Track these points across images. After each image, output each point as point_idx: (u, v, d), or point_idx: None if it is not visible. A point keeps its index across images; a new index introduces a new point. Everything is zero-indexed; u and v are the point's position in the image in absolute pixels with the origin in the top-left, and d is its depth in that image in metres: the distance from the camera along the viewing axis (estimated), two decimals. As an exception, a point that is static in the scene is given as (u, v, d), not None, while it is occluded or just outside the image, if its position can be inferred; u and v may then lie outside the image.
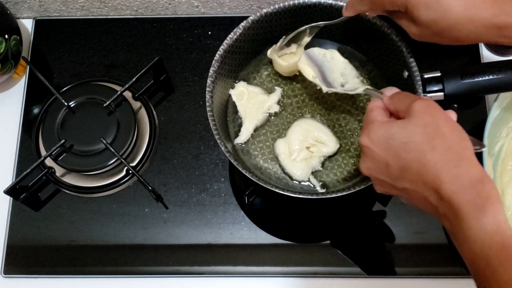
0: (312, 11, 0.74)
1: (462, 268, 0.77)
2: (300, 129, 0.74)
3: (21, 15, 0.94)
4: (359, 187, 0.65)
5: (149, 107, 0.87)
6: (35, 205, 0.83)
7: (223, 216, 0.81)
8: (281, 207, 0.83)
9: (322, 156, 0.73)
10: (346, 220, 0.82)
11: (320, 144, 0.73)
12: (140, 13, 0.94)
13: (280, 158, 0.73)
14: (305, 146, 0.73)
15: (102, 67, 0.91)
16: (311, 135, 0.73)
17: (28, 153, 0.85)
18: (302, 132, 0.73)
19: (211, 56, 0.72)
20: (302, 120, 0.75)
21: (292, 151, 0.73)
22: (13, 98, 0.89)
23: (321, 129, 0.74)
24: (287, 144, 0.73)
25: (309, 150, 0.73)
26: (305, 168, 0.72)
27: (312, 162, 0.73)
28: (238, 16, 0.92)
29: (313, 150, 0.73)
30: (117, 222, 0.82)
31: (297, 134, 0.73)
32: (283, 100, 0.77)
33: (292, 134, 0.74)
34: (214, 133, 0.68)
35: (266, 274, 0.78)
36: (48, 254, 0.81)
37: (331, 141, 0.73)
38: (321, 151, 0.73)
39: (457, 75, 0.67)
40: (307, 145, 0.73)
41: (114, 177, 0.83)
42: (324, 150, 0.73)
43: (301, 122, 0.75)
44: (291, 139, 0.73)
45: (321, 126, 0.75)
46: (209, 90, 0.70)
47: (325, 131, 0.74)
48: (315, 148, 0.73)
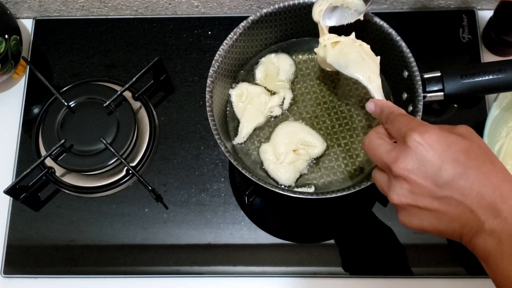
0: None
1: (462, 268, 0.77)
2: (285, 132, 0.73)
3: (21, 15, 0.94)
4: (359, 187, 0.65)
5: (149, 107, 0.87)
6: (35, 205, 0.83)
7: (223, 216, 0.81)
8: (281, 207, 0.83)
9: (310, 158, 0.73)
10: (346, 220, 0.82)
11: (308, 147, 0.73)
12: (140, 13, 0.94)
13: (265, 164, 0.72)
14: (292, 149, 0.72)
15: (102, 67, 0.91)
16: (296, 138, 0.73)
17: (28, 153, 0.85)
18: (287, 135, 0.73)
19: (211, 56, 0.72)
20: (285, 123, 0.74)
21: (279, 155, 0.72)
22: (13, 98, 0.90)
23: (306, 130, 0.74)
24: (272, 148, 0.73)
25: (296, 153, 0.72)
26: (292, 172, 0.71)
27: (299, 166, 0.72)
28: (238, 16, 0.92)
29: (301, 153, 0.72)
30: (117, 222, 0.82)
31: (282, 137, 0.73)
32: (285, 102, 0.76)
33: (277, 138, 0.73)
34: (214, 133, 0.68)
35: (266, 274, 0.78)
36: (48, 254, 0.81)
37: (318, 142, 0.73)
38: (309, 153, 0.73)
39: (457, 75, 0.67)
40: (294, 148, 0.72)
41: (114, 177, 0.83)
42: (312, 152, 0.73)
43: (285, 125, 0.74)
44: (276, 142, 0.73)
45: (306, 127, 0.74)
46: (209, 90, 0.70)
47: (311, 132, 0.74)
48: (303, 150, 0.72)
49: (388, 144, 0.55)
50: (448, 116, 0.85)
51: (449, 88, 0.68)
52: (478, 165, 0.49)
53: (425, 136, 0.50)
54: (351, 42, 0.68)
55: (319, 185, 0.72)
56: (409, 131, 0.51)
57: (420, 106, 0.67)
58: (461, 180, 0.49)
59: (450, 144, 0.50)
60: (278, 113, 0.75)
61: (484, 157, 0.50)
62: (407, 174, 0.51)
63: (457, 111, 0.85)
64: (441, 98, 0.69)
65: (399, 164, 0.51)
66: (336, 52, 0.68)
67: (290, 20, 0.75)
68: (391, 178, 0.53)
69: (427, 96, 0.68)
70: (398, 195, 0.52)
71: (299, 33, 0.78)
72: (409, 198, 0.52)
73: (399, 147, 0.52)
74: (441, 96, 0.69)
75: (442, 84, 0.68)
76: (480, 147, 0.51)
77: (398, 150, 0.52)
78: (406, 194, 0.52)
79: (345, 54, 0.68)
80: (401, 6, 0.92)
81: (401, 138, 0.53)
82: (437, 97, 0.69)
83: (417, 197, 0.51)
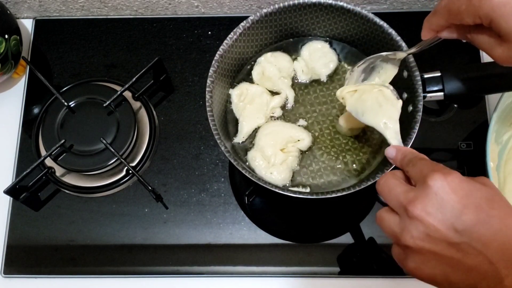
0: (313, 11, 0.74)
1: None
2: (267, 133, 0.72)
3: (21, 15, 0.94)
4: (359, 187, 0.65)
5: (149, 107, 0.87)
6: (35, 205, 0.83)
7: (223, 216, 0.81)
8: (281, 207, 0.83)
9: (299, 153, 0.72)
10: (346, 220, 0.82)
11: (295, 142, 0.72)
12: (140, 13, 0.94)
13: (257, 170, 0.71)
14: (279, 149, 0.72)
15: (102, 67, 0.91)
16: (281, 137, 0.72)
17: (28, 153, 0.85)
18: (271, 136, 0.72)
19: (211, 56, 0.72)
20: (265, 125, 0.74)
21: (268, 158, 0.71)
22: (13, 98, 0.90)
23: (288, 126, 0.73)
24: (259, 153, 0.72)
25: (284, 151, 0.72)
26: (286, 171, 0.71)
27: (291, 163, 0.72)
28: (238, 16, 0.92)
29: (290, 150, 0.72)
30: (117, 222, 0.82)
31: (266, 139, 0.72)
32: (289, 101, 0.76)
33: (261, 142, 0.72)
34: (214, 133, 0.68)
35: (266, 274, 0.78)
36: (48, 254, 0.81)
37: (303, 134, 0.73)
38: (297, 148, 0.72)
39: (457, 75, 0.67)
40: (281, 147, 0.72)
41: (114, 177, 0.83)
42: (300, 145, 0.72)
43: (265, 127, 0.73)
44: (262, 146, 0.72)
45: (286, 124, 0.74)
46: (209, 90, 0.70)
47: (293, 127, 0.73)
48: (291, 147, 0.72)
49: (406, 185, 0.52)
50: (448, 116, 0.85)
51: (449, 88, 0.68)
52: (501, 216, 0.46)
53: (448, 178, 0.48)
54: (369, 88, 0.66)
55: (319, 184, 0.72)
56: (432, 171, 0.49)
57: (420, 106, 0.67)
58: (483, 228, 0.46)
59: (473, 189, 0.48)
60: (279, 114, 0.75)
61: (507, 209, 0.47)
62: (424, 215, 0.47)
63: (457, 111, 0.85)
64: (441, 98, 0.69)
65: (417, 204, 0.48)
66: (353, 100, 0.66)
67: (290, 20, 0.75)
68: (405, 219, 0.49)
69: (427, 96, 0.68)
70: (413, 237, 0.48)
71: (299, 33, 0.78)
72: (425, 241, 0.48)
73: (418, 188, 0.50)
74: (441, 96, 0.68)
75: (442, 84, 0.68)
76: (502, 198, 0.48)
77: (417, 191, 0.49)
78: (422, 237, 0.48)
79: (362, 101, 0.65)
80: (401, 6, 0.92)
81: (422, 179, 0.49)
82: (437, 97, 0.69)
83: (434, 240, 0.47)
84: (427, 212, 0.47)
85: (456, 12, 0.52)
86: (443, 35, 0.57)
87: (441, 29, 0.57)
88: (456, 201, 0.47)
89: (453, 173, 0.48)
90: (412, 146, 0.65)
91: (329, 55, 0.77)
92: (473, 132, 0.84)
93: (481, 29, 0.52)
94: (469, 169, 0.80)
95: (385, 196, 0.53)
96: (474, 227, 0.46)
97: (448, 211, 0.47)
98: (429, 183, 0.48)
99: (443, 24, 0.56)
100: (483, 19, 0.50)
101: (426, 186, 0.48)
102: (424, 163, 0.52)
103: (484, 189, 0.48)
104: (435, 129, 0.84)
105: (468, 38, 0.55)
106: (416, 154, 0.55)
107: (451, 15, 0.53)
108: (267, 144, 0.72)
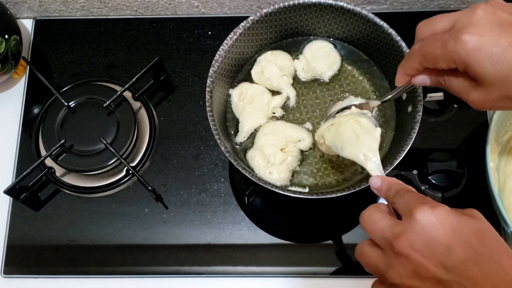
0: (312, 11, 0.74)
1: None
2: (267, 133, 0.72)
3: (21, 15, 0.94)
4: (359, 187, 0.65)
5: (149, 107, 0.87)
6: (35, 205, 0.83)
7: (223, 216, 0.81)
8: (281, 207, 0.83)
9: (299, 153, 0.72)
10: (345, 220, 0.82)
11: (296, 142, 0.72)
12: (140, 13, 0.94)
13: (256, 170, 0.71)
14: (279, 148, 0.71)
15: (102, 67, 0.91)
16: (281, 136, 0.72)
17: (28, 153, 0.85)
18: (271, 135, 0.72)
19: (211, 56, 0.72)
20: (265, 124, 0.74)
21: (267, 157, 0.71)
22: (13, 98, 0.90)
23: (288, 126, 0.73)
24: (259, 152, 0.72)
25: (284, 151, 0.72)
26: (286, 171, 0.71)
27: (291, 163, 0.72)
28: (238, 16, 0.92)
29: (290, 150, 0.72)
30: (117, 222, 0.82)
31: (266, 139, 0.72)
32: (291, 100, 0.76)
33: (260, 141, 0.72)
34: (214, 133, 0.68)
35: (266, 274, 0.78)
36: (48, 254, 0.81)
37: (304, 134, 0.72)
38: (298, 148, 0.72)
39: (457, 75, 0.67)
40: (281, 147, 0.72)
41: (114, 177, 0.83)
42: (301, 146, 0.72)
43: (265, 126, 0.73)
44: (261, 146, 0.72)
45: (287, 124, 0.73)
46: (209, 90, 0.70)
47: (294, 127, 0.73)
48: (292, 147, 0.72)
49: (391, 219, 0.50)
50: (448, 116, 0.85)
51: (449, 88, 0.67)
52: (493, 254, 0.45)
53: (435, 211, 0.46)
54: (345, 119, 0.64)
55: (319, 184, 0.72)
56: (419, 204, 0.47)
57: (420, 106, 0.67)
58: (473, 267, 0.44)
59: (461, 224, 0.46)
60: (281, 114, 0.75)
61: (499, 247, 0.46)
62: (411, 252, 0.46)
63: (457, 111, 0.85)
64: (441, 98, 0.69)
65: (403, 240, 0.46)
66: (331, 134, 0.65)
67: (290, 20, 0.75)
68: (391, 255, 0.48)
69: (427, 96, 0.68)
70: (400, 275, 0.47)
71: (299, 33, 0.78)
72: (413, 279, 0.46)
73: (404, 221, 0.48)
74: (441, 96, 0.69)
75: (442, 84, 0.67)
76: (493, 233, 0.47)
77: (403, 225, 0.47)
78: (410, 275, 0.46)
79: (339, 134, 0.63)
80: (401, 6, 0.92)
81: (409, 212, 0.48)
82: (437, 97, 0.69)
83: (422, 278, 0.46)
84: (414, 249, 0.46)
85: (431, 56, 0.51)
86: (417, 81, 0.56)
87: (415, 73, 0.56)
88: (444, 236, 0.45)
89: (440, 207, 0.47)
90: (412, 146, 0.65)
91: (332, 54, 0.77)
92: (473, 132, 0.84)
93: (456, 73, 0.52)
94: (469, 169, 0.80)
95: (368, 231, 0.51)
96: (463, 265, 0.44)
97: (435, 247, 0.45)
98: (416, 216, 0.46)
99: (417, 68, 0.55)
100: (458, 64, 0.49)
101: (413, 220, 0.46)
102: (411, 195, 0.50)
103: (473, 223, 0.46)
104: (435, 129, 0.84)
105: (442, 84, 0.54)
106: (403, 186, 0.53)
107: (425, 59, 0.52)
108: (266, 143, 0.72)
